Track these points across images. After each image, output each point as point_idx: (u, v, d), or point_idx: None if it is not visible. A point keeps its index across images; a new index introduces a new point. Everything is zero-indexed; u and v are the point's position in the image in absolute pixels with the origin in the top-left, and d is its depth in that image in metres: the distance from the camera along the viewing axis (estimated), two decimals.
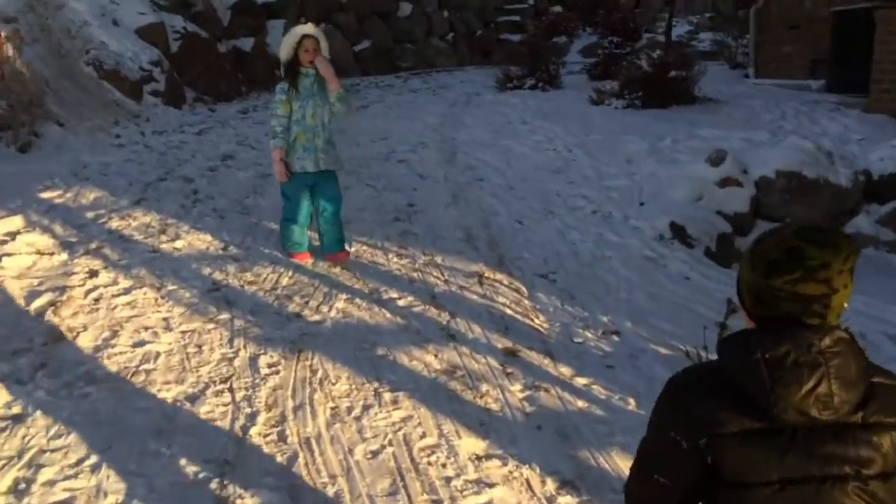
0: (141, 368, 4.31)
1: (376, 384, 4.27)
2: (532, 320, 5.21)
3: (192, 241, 6.31)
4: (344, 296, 5.38)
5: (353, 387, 4.24)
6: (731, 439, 1.62)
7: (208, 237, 6.41)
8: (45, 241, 6.09)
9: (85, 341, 4.56)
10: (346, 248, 6.05)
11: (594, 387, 4.42)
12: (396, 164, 8.85)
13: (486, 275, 5.84)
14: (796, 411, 1.57)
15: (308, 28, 5.66)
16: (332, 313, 5.11)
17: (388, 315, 5.11)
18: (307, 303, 5.25)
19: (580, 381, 4.46)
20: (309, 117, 5.71)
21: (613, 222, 7.02)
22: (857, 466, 1.60)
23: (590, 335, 5.07)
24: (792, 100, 11.20)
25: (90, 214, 6.76)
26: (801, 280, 1.60)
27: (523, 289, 5.69)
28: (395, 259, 6.08)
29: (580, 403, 4.22)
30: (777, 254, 1.63)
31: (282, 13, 16.61)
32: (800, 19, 14.63)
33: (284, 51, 5.67)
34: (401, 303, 5.31)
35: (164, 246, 6.16)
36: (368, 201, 7.47)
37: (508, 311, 5.28)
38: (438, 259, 6.11)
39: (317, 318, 5.04)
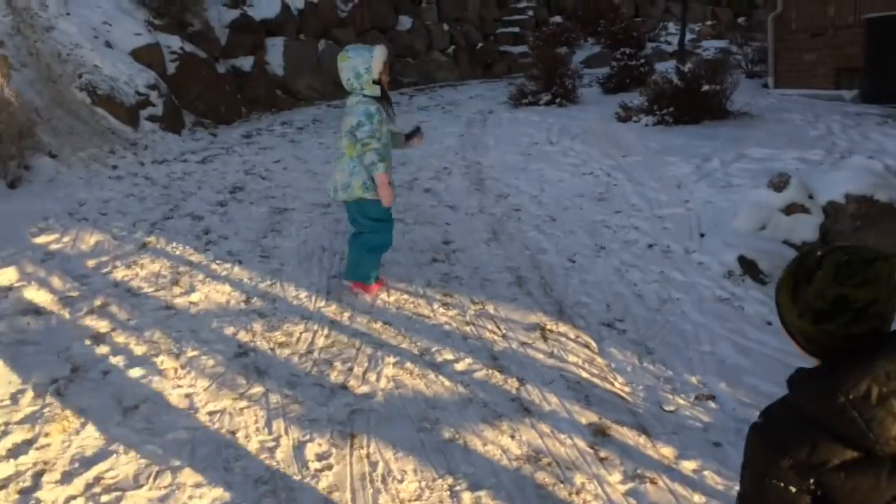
0: (165, 468, 3.57)
1: (450, 479, 3.54)
2: (612, 384, 4.50)
3: (210, 292, 5.58)
4: (392, 358, 4.66)
5: (424, 484, 3.51)
6: (837, 472, 1.62)
7: (227, 288, 5.68)
8: (42, 296, 5.35)
9: (92, 431, 3.82)
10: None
11: (705, 472, 3.70)
12: (422, 194, 8.13)
13: (549, 326, 5.12)
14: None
15: (387, 50, 5.26)
16: (382, 382, 4.38)
17: (447, 383, 4.39)
18: (351, 369, 4.52)
19: (687, 467, 3.74)
20: (389, 142, 5.39)
21: (674, 258, 6.32)
22: None
23: (682, 401, 4.35)
24: (832, 112, 10.55)
25: (91, 263, 6.02)
26: (853, 322, 1.61)
27: (592, 343, 4.97)
28: (442, 310, 5.36)
29: (696, 499, 3.50)
30: (821, 304, 1.62)
31: (280, 30, 15.91)
32: (823, 27, 14.02)
33: (378, 66, 5.11)
34: (458, 366, 4.58)
35: (178, 300, 5.42)
36: (399, 238, 6.74)
37: (583, 374, 4.56)
38: (490, 308, 5.39)
39: (365, 389, 4.31)
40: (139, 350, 4.66)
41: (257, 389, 4.28)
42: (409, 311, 5.34)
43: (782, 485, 1.66)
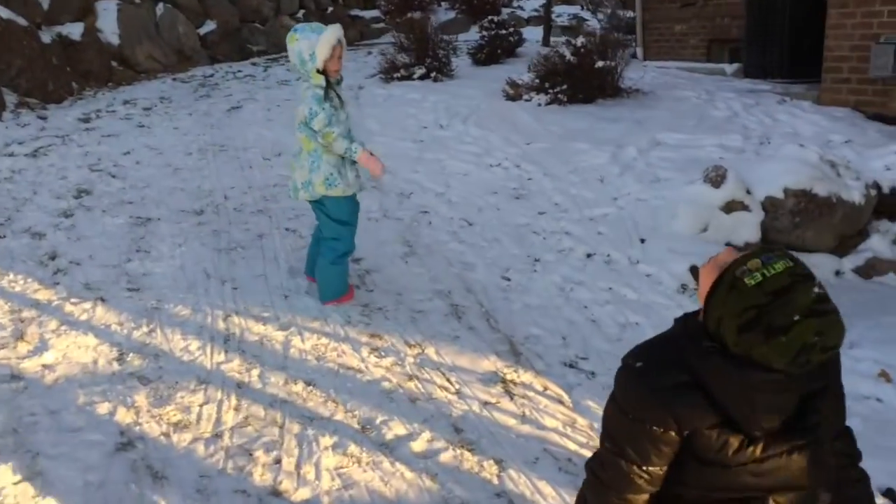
0: None
1: None
2: None
3: (70, 349, 4.31)
4: (328, 439, 3.63)
5: None
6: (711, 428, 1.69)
7: (91, 339, 4.43)
8: None
9: None
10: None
11: None
12: None
13: (508, 376, 4.23)
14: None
15: (340, 30, 4.49)
16: (325, 481, 3.35)
17: (409, 474, 3.42)
18: (279, 461, 3.46)
19: None
20: (350, 131, 4.78)
21: (619, 270, 5.57)
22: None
23: None
24: (723, 89, 10.13)
25: None
26: (821, 353, 1.62)
27: (564, 396, 4.12)
28: (374, 358, 4.35)
29: None
30: (799, 346, 1.59)
31: None
32: None
33: (324, 52, 4.38)
34: (416, 446, 3.61)
35: (26, 364, 4.14)
36: (295, 255, 5.65)
37: (570, 444, 3.70)
38: (431, 352, 4.44)
39: (305, 493, 3.28)
40: None
41: None
42: (332, 362, 4.30)
43: (660, 429, 1.71)
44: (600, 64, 9.82)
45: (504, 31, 14.72)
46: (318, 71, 4.42)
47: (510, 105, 9.83)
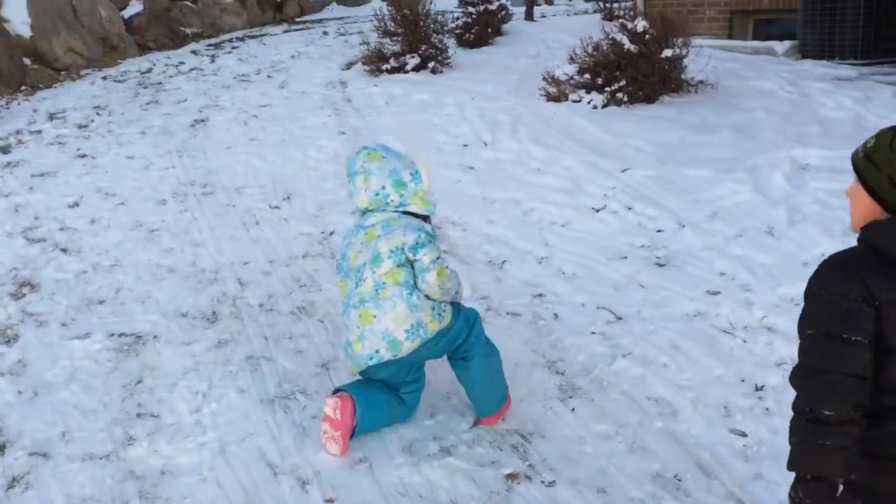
0: None
1: None
2: None
3: None
4: None
5: None
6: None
7: None
8: None
9: None
10: None
11: None
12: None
13: None
14: None
15: None
16: None
17: None
18: None
19: None
20: None
21: None
22: None
23: None
24: (803, 77, 8.32)
25: None
26: None
27: None
28: None
29: None
30: None
31: None
32: None
33: (428, 172, 3.52)
34: None
35: None
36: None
37: None
38: None
39: None
40: None
41: None
42: None
43: (859, 298, 1.80)
44: (667, 53, 7.88)
45: (492, 7, 12.66)
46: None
47: (557, 109, 7.84)
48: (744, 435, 3.47)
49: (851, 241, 2.03)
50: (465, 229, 5.41)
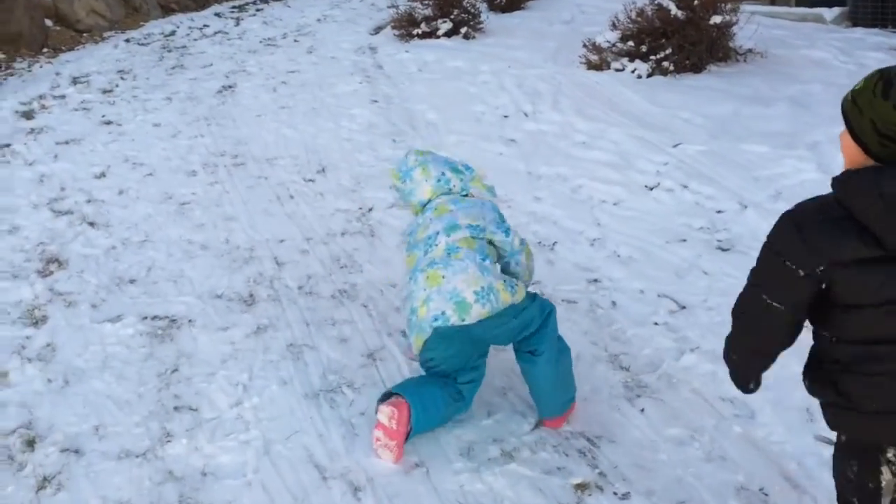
0: None
1: None
2: None
3: None
4: None
5: None
6: (850, 267, 1.72)
7: None
8: None
9: None
10: None
11: None
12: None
13: None
14: None
15: None
16: None
17: None
18: None
19: None
20: None
21: None
22: None
23: None
24: (857, 46, 7.93)
25: None
26: None
27: None
28: None
29: None
30: None
31: None
32: None
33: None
34: None
35: None
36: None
37: None
38: None
39: None
40: None
41: None
42: None
43: (794, 266, 1.78)
44: (716, 19, 7.50)
45: None
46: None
47: (599, 78, 7.49)
48: (831, 443, 3.20)
49: None
50: (511, 206, 5.12)
